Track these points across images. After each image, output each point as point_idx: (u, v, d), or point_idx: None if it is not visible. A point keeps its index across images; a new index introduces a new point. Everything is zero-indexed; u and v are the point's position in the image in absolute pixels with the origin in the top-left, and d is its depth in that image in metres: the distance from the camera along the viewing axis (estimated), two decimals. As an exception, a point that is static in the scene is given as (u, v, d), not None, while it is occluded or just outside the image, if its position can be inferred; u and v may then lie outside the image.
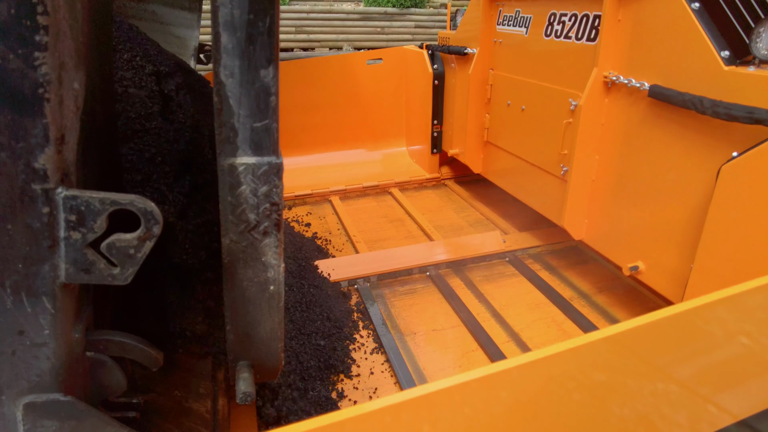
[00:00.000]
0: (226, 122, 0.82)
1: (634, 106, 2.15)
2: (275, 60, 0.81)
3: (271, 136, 0.84)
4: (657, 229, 2.10)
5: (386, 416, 0.72)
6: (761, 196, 1.57)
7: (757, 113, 1.58)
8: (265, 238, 0.90)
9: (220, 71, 0.79)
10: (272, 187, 0.86)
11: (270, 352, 1.01)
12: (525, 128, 2.94)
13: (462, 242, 3.11)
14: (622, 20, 2.16)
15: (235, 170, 0.84)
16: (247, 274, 0.92)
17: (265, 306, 0.96)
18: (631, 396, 0.90)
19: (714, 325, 0.91)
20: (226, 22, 0.77)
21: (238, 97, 0.81)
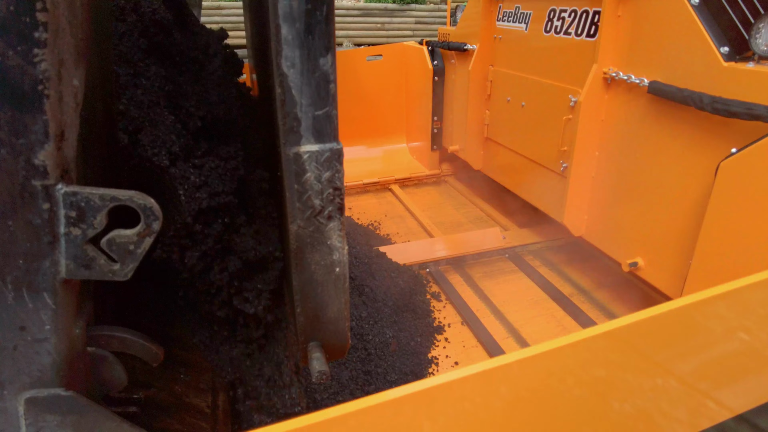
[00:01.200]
0: (289, 112, 0.84)
1: (633, 102, 2.15)
2: (332, 48, 0.83)
3: (331, 122, 0.86)
4: (656, 225, 2.11)
5: (387, 410, 0.73)
6: (760, 193, 1.57)
7: (756, 109, 1.58)
8: (330, 222, 0.93)
9: (282, 63, 0.81)
10: (335, 173, 0.89)
11: (338, 331, 1.05)
12: (525, 124, 2.94)
13: (462, 239, 3.11)
14: (622, 16, 2.15)
15: (300, 158, 0.86)
16: (314, 258, 0.95)
17: (332, 287, 0.99)
18: (630, 391, 0.90)
19: (713, 321, 0.92)
20: (285, 14, 0.78)
21: (299, 86, 0.83)
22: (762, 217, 1.57)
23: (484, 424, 0.81)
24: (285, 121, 0.84)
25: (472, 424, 0.79)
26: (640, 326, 0.85)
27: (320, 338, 1.05)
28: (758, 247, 1.61)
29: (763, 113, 1.56)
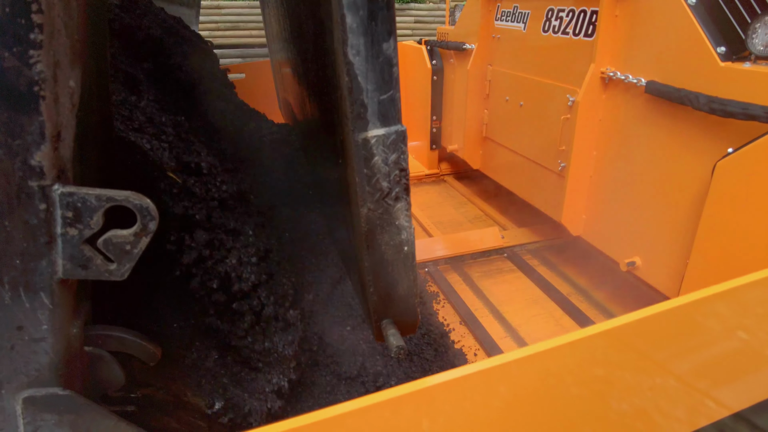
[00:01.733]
0: (356, 99, 0.85)
1: (631, 102, 2.15)
2: (395, 32, 0.84)
3: (395, 105, 0.88)
4: (654, 224, 2.11)
5: (385, 410, 0.73)
6: (756, 192, 1.57)
7: (752, 109, 1.58)
8: (397, 203, 0.94)
9: (348, 51, 0.83)
10: (400, 154, 0.91)
11: (408, 307, 1.08)
12: (523, 124, 2.95)
13: (461, 238, 3.12)
14: (620, 16, 2.16)
15: (368, 143, 0.88)
16: (384, 239, 0.98)
17: (401, 266, 1.01)
18: (628, 389, 0.90)
19: (710, 320, 0.92)
20: (349, 3, 0.80)
21: (365, 73, 0.84)
22: (758, 217, 1.58)
23: (483, 422, 0.82)
24: (353, 108, 0.86)
25: (470, 422, 0.80)
26: (637, 325, 0.86)
27: (392, 315, 1.08)
28: (755, 247, 1.61)
29: (759, 113, 1.56)
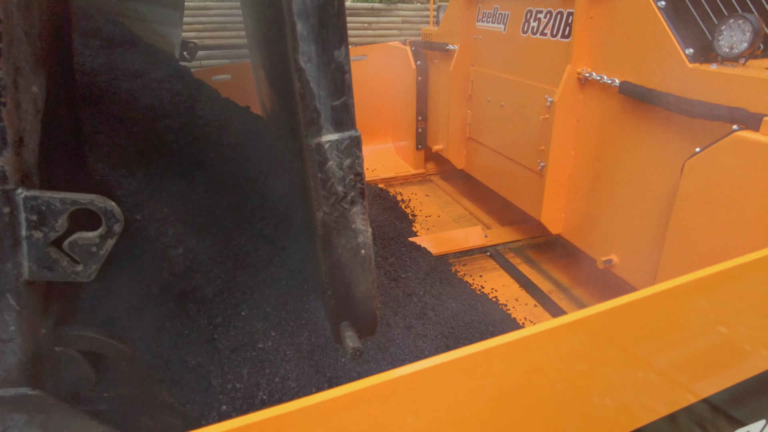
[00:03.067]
0: (309, 105, 0.88)
1: (606, 102, 2.19)
2: (346, 39, 0.86)
3: (348, 111, 0.90)
4: (629, 223, 2.15)
5: (355, 401, 0.74)
6: (721, 191, 1.61)
7: (717, 110, 1.62)
8: (353, 207, 0.97)
9: (299, 58, 0.84)
10: (355, 159, 0.94)
11: (367, 309, 1.10)
12: (504, 124, 2.98)
13: (445, 237, 3.15)
14: (595, 17, 2.19)
15: (322, 148, 0.90)
16: (340, 242, 1.00)
17: (359, 269, 1.04)
18: (600, 376, 0.93)
19: (679, 310, 0.95)
20: (299, 11, 0.81)
21: (317, 79, 0.86)
22: (723, 215, 1.62)
23: (456, 409, 0.83)
24: (306, 113, 0.88)
25: (443, 409, 0.82)
26: (606, 315, 0.88)
27: (351, 317, 1.09)
28: (722, 244, 1.65)
29: (723, 114, 1.60)
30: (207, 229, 1.71)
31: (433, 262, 2.88)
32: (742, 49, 1.67)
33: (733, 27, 1.68)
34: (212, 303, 1.48)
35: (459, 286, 2.63)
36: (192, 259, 1.52)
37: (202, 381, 1.31)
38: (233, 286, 1.59)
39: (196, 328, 1.38)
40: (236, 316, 1.50)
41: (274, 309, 1.60)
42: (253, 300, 1.61)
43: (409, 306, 2.05)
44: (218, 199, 1.87)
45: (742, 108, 1.57)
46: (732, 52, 1.70)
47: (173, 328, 1.32)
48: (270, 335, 1.53)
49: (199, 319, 1.39)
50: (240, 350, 1.42)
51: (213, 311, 1.48)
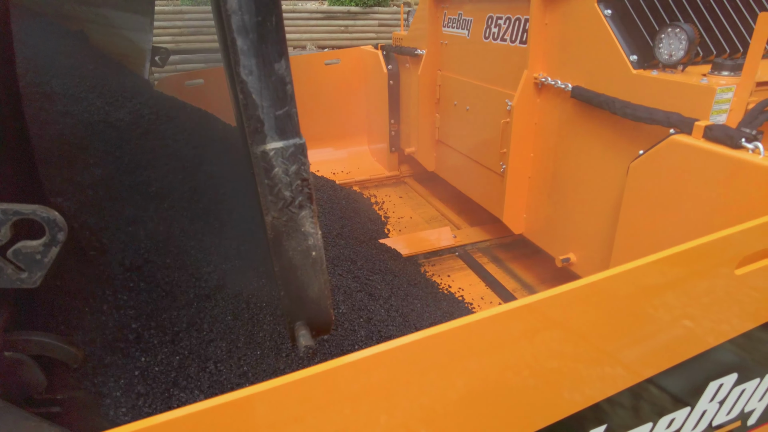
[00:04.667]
0: (252, 115, 0.92)
1: (561, 106, 2.27)
2: (285, 53, 0.91)
3: (292, 120, 0.95)
4: (584, 222, 2.24)
5: (296, 389, 0.78)
6: (662, 191, 1.70)
7: (656, 114, 1.71)
8: (302, 211, 1.01)
9: (240, 71, 0.89)
10: (300, 165, 0.97)
11: (321, 309, 1.14)
12: (470, 128, 3.06)
13: (415, 238, 3.21)
14: (549, 24, 2.27)
15: (267, 155, 0.94)
16: (291, 245, 1.04)
17: (310, 270, 1.08)
18: (545, 358, 0.99)
19: (614, 295, 1.02)
20: (239, 27, 0.86)
21: (259, 90, 0.90)
22: (664, 214, 1.70)
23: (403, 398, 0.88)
24: (249, 123, 0.92)
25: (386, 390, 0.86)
26: (551, 300, 0.95)
27: (305, 317, 1.14)
28: (664, 242, 1.74)
29: (661, 118, 1.69)
30: (166, 236, 1.75)
31: (402, 264, 2.94)
32: (679, 56, 1.76)
33: (670, 35, 1.76)
34: (169, 309, 1.52)
35: (426, 286, 2.69)
36: (147, 265, 1.56)
37: (157, 381, 1.35)
38: (192, 291, 1.63)
39: (153, 332, 1.42)
40: (192, 322, 1.54)
41: (234, 317, 1.64)
42: (212, 306, 1.65)
43: (375, 308, 2.10)
44: (173, 204, 1.91)
45: (677, 113, 1.66)
46: (671, 59, 1.79)
47: (126, 330, 1.36)
48: (229, 339, 1.57)
49: (151, 325, 1.43)
50: (194, 354, 1.46)
51: (170, 316, 1.52)
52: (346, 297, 2.05)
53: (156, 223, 1.78)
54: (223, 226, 1.98)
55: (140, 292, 1.51)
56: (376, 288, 2.29)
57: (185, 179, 2.12)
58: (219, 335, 1.57)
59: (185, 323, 1.56)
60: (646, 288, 1.01)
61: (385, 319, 2.04)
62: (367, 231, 3.27)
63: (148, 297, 1.52)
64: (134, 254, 1.59)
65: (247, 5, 0.86)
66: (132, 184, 1.91)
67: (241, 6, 0.86)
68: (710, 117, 1.63)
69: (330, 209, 3.31)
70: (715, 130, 1.52)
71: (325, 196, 3.52)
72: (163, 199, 1.94)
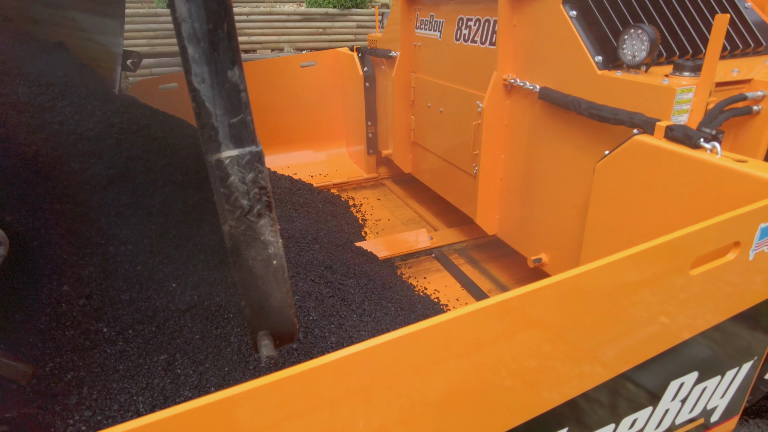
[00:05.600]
0: (206, 123, 0.91)
1: (530, 107, 2.28)
2: (238, 60, 0.90)
3: (247, 128, 0.93)
4: (555, 223, 2.25)
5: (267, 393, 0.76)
6: (626, 191, 1.71)
7: (620, 114, 1.72)
8: (260, 219, 1.00)
9: (192, 79, 0.88)
10: (257, 173, 0.96)
11: (284, 318, 1.13)
12: (444, 129, 3.06)
13: (392, 241, 3.20)
14: (517, 25, 2.28)
15: (222, 164, 0.93)
16: (250, 254, 1.03)
17: (272, 279, 1.07)
18: (520, 355, 0.98)
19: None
20: (189, 35, 0.85)
21: (212, 99, 0.89)
22: (629, 214, 1.72)
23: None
24: (203, 131, 0.91)
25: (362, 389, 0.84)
26: (525, 297, 0.94)
27: (268, 327, 1.13)
28: (630, 241, 1.75)
29: (625, 118, 1.70)
30: (133, 254, 1.71)
31: (378, 267, 2.93)
32: (642, 57, 1.77)
33: (633, 36, 1.78)
34: (118, 323, 1.49)
35: (402, 289, 2.68)
36: (100, 283, 1.52)
37: (115, 400, 1.32)
38: (159, 310, 1.60)
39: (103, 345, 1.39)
40: (157, 341, 1.51)
41: (190, 333, 1.61)
42: (180, 325, 1.62)
43: (347, 314, 2.09)
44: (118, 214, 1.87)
45: (640, 113, 1.67)
46: (634, 60, 1.80)
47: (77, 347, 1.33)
48: (196, 358, 1.55)
49: (101, 340, 1.39)
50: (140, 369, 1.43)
51: (118, 331, 1.48)
52: (318, 303, 2.03)
53: (121, 243, 1.74)
54: (191, 238, 1.95)
55: (101, 312, 1.48)
56: (349, 293, 2.27)
57: (155, 192, 2.08)
58: (185, 355, 1.53)
59: (149, 340, 1.52)
60: (595, 291, 1.01)
61: (357, 325, 2.02)
62: (344, 234, 3.25)
63: (110, 315, 1.49)
64: (94, 274, 1.55)
65: (197, 13, 0.85)
66: (99, 201, 1.87)
67: (191, 14, 0.85)
68: (672, 117, 1.65)
69: (306, 213, 3.29)
70: (675, 130, 1.54)
71: (302, 199, 3.50)
72: (130, 215, 1.90)
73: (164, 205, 2.04)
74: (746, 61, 2.00)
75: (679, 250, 1.05)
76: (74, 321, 1.34)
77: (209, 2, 0.84)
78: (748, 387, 1.49)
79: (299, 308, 1.93)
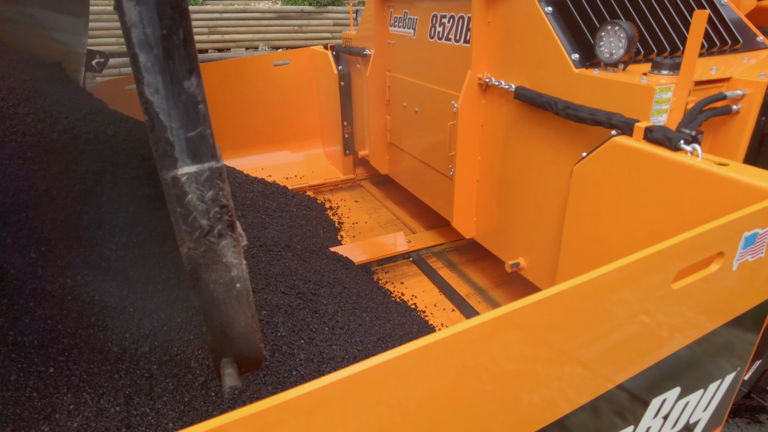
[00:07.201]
0: (160, 137, 0.84)
1: (505, 107, 2.20)
2: (196, 69, 0.82)
3: (206, 142, 0.86)
4: (533, 226, 2.18)
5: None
6: (604, 194, 1.64)
7: (598, 115, 1.65)
8: (222, 240, 0.93)
9: (144, 90, 0.81)
10: (218, 191, 0.89)
11: (249, 345, 1.07)
12: (419, 130, 2.97)
13: (368, 244, 3.11)
14: (492, 22, 2.20)
15: (178, 181, 0.86)
16: (212, 277, 0.96)
17: (235, 303, 1.00)
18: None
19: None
20: (140, 41, 0.78)
21: (167, 111, 0.83)
22: (607, 218, 1.65)
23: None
24: (158, 146, 0.84)
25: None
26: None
27: (232, 353, 1.06)
28: (607, 246, 1.69)
29: (602, 119, 1.63)
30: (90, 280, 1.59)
31: (354, 273, 2.83)
32: (620, 55, 1.71)
33: (610, 33, 1.71)
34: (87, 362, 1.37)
35: (377, 296, 2.59)
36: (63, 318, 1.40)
37: None
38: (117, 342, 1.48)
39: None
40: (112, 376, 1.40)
41: (147, 363, 1.50)
42: (137, 358, 1.51)
43: (318, 327, 1.99)
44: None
45: (618, 113, 1.60)
46: (612, 57, 1.74)
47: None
48: (152, 393, 1.43)
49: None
50: None
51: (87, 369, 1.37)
52: (287, 317, 1.93)
53: (78, 272, 1.61)
54: (154, 256, 1.83)
55: (44, 349, 1.36)
56: (321, 303, 2.18)
57: (120, 210, 1.94)
58: (140, 391, 1.42)
59: (97, 375, 1.41)
60: (570, 311, 0.93)
61: (328, 338, 1.92)
62: (319, 239, 3.15)
63: (56, 350, 1.37)
64: (40, 309, 1.43)
65: (149, 17, 0.77)
66: (61, 222, 1.73)
67: (142, 18, 0.76)
68: (651, 117, 1.58)
69: (279, 218, 3.18)
70: (655, 131, 1.47)
71: (275, 204, 3.39)
72: (91, 237, 1.77)
73: (129, 223, 1.91)
74: (724, 59, 1.95)
75: (661, 265, 0.98)
76: (10, 360, 1.22)
77: (163, 5, 0.77)
78: (731, 398, 1.43)
79: (267, 324, 1.82)
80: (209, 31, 7.17)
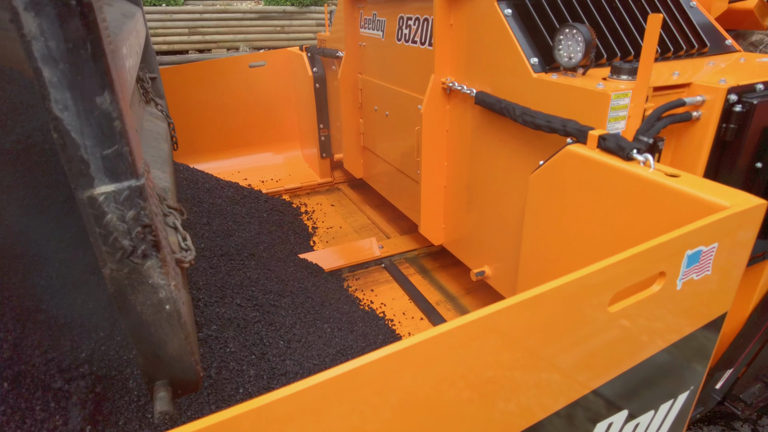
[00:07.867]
0: (73, 156, 0.79)
1: (468, 112, 2.14)
2: (110, 85, 0.77)
3: (124, 160, 0.82)
4: (497, 234, 2.12)
5: None
6: (560, 205, 1.59)
7: (553, 122, 1.59)
8: (147, 261, 0.89)
9: (52, 107, 0.76)
10: (139, 210, 0.85)
11: (184, 367, 1.02)
12: (390, 134, 2.91)
13: (340, 250, 3.05)
14: (455, 25, 2.14)
15: (95, 201, 0.82)
16: (138, 299, 0.92)
17: (166, 325, 0.96)
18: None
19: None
20: (44, 55, 0.72)
21: (79, 128, 0.78)
22: (563, 231, 1.59)
23: None
24: (71, 164, 0.79)
25: None
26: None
27: (166, 376, 1.01)
28: (564, 257, 1.63)
29: (558, 126, 1.57)
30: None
31: (322, 280, 2.77)
32: (578, 59, 1.65)
33: (568, 37, 1.65)
34: None
35: (343, 305, 2.53)
36: None
37: None
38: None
39: None
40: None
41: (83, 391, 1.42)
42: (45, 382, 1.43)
43: (272, 341, 1.92)
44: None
45: (573, 120, 1.55)
46: (571, 61, 1.68)
47: None
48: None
49: None
50: None
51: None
52: (239, 332, 1.86)
53: (17, 287, 1.53)
54: (98, 272, 1.75)
55: None
56: (279, 315, 2.11)
57: (71, 224, 1.86)
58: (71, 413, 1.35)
59: (27, 402, 1.33)
60: (503, 335, 0.87)
61: (283, 353, 1.85)
62: (289, 245, 3.08)
63: None
64: None
65: (50, 30, 0.70)
66: (9, 243, 1.65)
67: (43, 31, 0.70)
68: (608, 124, 1.53)
69: (248, 224, 3.11)
70: (608, 140, 1.41)
71: (245, 209, 3.31)
72: (34, 255, 1.69)
73: (76, 238, 1.84)
74: (689, 63, 1.89)
75: (595, 287, 0.92)
76: None
77: (66, 17, 0.70)
78: (687, 416, 1.38)
79: (216, 339, 1.75)
80: (189, 32, 7.05)
